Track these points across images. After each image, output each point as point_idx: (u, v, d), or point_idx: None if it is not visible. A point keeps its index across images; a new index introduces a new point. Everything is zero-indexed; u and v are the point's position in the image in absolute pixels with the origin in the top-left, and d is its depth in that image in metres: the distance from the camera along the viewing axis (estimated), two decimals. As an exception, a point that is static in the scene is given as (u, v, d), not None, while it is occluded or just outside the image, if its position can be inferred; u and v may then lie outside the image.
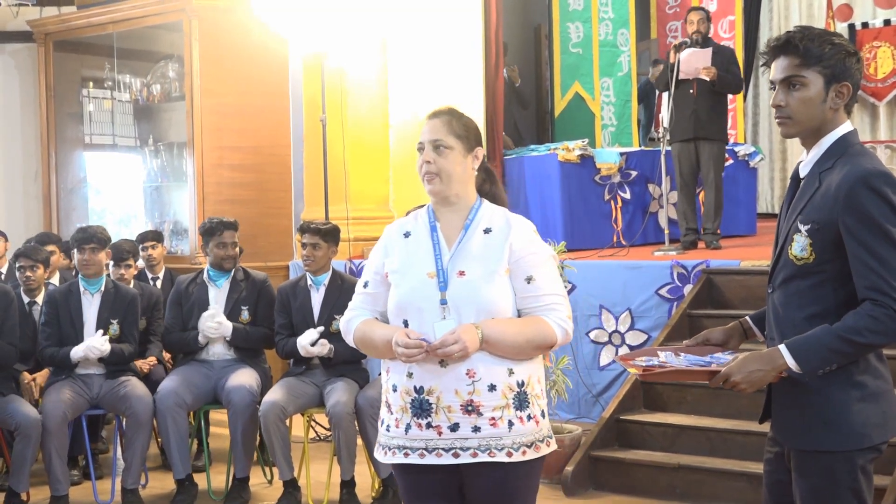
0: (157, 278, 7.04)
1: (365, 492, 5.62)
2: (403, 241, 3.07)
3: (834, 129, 2.72)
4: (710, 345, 2.99)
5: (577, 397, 6.71)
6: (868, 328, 2.55)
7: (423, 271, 2.96)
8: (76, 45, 9.86)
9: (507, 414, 2.90)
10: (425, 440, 2.95)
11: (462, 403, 2.89)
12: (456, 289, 2.91)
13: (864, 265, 2.57)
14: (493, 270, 2.92)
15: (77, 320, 5.72)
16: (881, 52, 10.80)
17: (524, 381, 2.94)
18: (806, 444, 2.70)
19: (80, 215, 9.90)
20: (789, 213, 2.78)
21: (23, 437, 5.31)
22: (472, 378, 2.88)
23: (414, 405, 2.95)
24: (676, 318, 6.27)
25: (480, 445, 2.89)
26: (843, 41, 2.73)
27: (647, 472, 5.63)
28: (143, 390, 5.65)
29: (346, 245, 7.87)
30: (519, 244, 2.95)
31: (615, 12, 9.93)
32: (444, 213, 3.05)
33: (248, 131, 8.76)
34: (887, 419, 2.69)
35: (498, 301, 2.91)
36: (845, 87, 2.70)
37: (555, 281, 2.98)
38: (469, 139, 3.03)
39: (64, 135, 9.84)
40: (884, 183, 2.58)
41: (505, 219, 3.02)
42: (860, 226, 2.58)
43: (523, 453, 2.91)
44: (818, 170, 2.72)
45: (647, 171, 8.65)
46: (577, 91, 9.85)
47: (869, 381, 2.67)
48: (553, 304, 2.95)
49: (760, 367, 2.63)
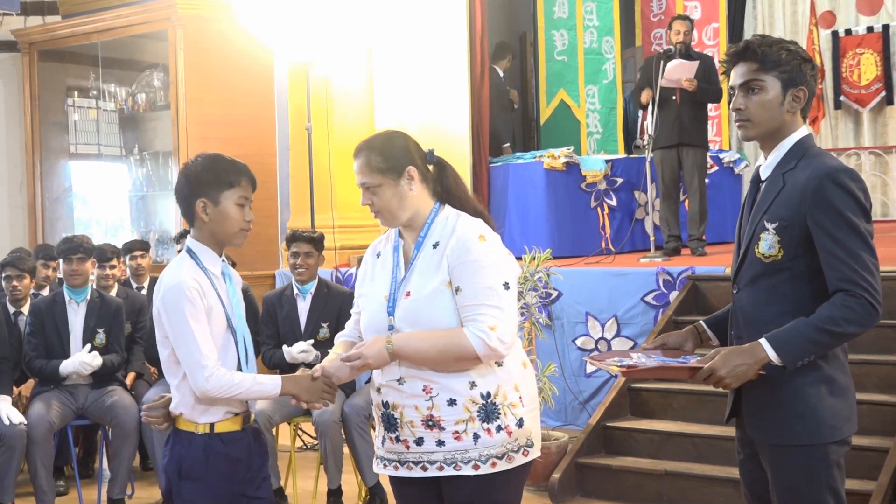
0: (142, 287, 7.02)
1: (352, 500, 5.61)
2: (375, 262, 3.10)
3: (792, 133, 2.83)
4: (668, 348, 3.04)
5: (563, 404, 6.72)
6: (844, 318, 2.64)
7: (381, 295, 2.98)
8: (61, 55, 9.85)
9: (472, 427, 2.86)
10: (397, 453, 2.98)
11: (422, 419, 2.89)
12: (401, 311, 2.91)
13: (835, 258, 2.66)
14: (436, 287, 2.87)
15: (63, 330, 5.70)
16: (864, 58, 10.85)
17: (490, 392, 2.87)
18: (780, 438, 2.77)
19: (66, 225, 9.87)
20: (753, 214, 2.86)
21: (7, 448, 5.28)
22: (428, 394, 2.88)
23: (384, 419, 2.99)
24: (662, 324, 6.28)
25: (446, 459, 2.88)
26: (798, 48, 2.84)
27: (634, 479, 5.63)
28: (129, 401, 5.64)
29: (333, 253, 7.87)
30: (452, 253, 2.87)
31: (600, 20, 9.96)
32: (405, 231, 3.05)
33: (234, 140, 8.75)
34: (852, 412, 2.80)
35: (440, 318, 2.85)
36: (801, 92, 2.81)
37: (484, 289, 2.82)
38: (394, 167, 2.94)
39: (49, 144, 9.82)
40: (849, 179, 2.69)
41: (451, 228, 2.94)
42: (828, 220, 2.67)
43: (493, 465, 2.87)
44: (780, 171, 2.81)
45: (633, 178, 8.67)
46: (562, 98, 9.87)
47: (838, 376, 2.77)
48: (475, 315, 2.82)
49: (743, 360, 2.70)
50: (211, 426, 3.08)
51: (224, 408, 3.08)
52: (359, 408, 5.40)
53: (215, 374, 2.97)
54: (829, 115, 11.07)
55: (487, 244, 2.89)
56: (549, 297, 6.76)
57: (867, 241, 2.68)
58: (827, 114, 11.01)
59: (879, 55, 10.72)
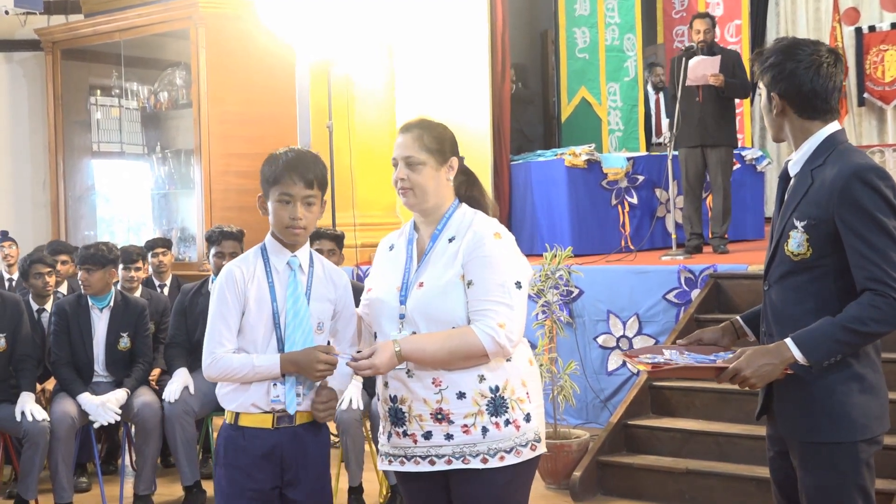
0: (164, 285, 7.06)
1: (373, 498, 5.61)
2: (387, 254, 3.12)
3: (820, 130, 2.83)
4: (703, 344, 3.04)
5: (584, 402, 6.71)
6: (871, 317, 2.63)
7: (392, 285, 2.99)
8: (84, 54, 9.90)
9: (481, 420, 2.88)
10: (403, 448, 2.98)
11: (431, 412, 2.90)
12: (413, 301, 2.92)
13: (863, 257, 2.65)
14: (449, 280, 2.90)
15: (87, 334, 5.72)
16: (888, 55, 10.78)
17: (499, 386, 2.90)
18: (810, 436, 2.75)
19: (89, 223, 9.93)
20: (783, 211, 2.86)
21: (31, 445, 5.31)
22: (438, 387, 2.89)
23: (391, 414, 2.99)
24: (684, 322, 6.25)
25: (454, 453, 2.90)
26: (782, 49, 2.85)
27: (656, 478, 5.62)
28: (151, 397, 5.66)
29: (353, 251, 7.88)
30: (467, 247, 2.91)
31: (621, 17, 9.92)
32: (421, 224, 3.08)
33: (255, 138, 8.78)
34: (884, 411, 2.78)
35: (451, 311, 2.88)
36: (773, 97, 2.84)
37: (497, 285, 2.86)
38: (442, 151, 3.01)
39: (72, 143, 9.88)
40: (876, 177, 2.68)
41: (469, 223, 2.98)
42: (856, 219, 2.66)
43: (501, 459, 2.89)
44: (809, 167, 2.81)
45: (654, 175, 8.64)
46: (583, 96, 9.84)
47: (868, 374, 2.75)
48: (485, 311, 2.84)
49: (769, 360, 2.70)
50: (236, 417, 3.10)
51: (249, 399, 3.08)
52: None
53: (218, 358, 3.03)
54: (853, 113, 11.01)
55: (503, 242, 2.94)
56: (570, 294, 6.74)
57: (895, 239, 2.66)
58: (850, 111, 10.95)
59: (904, 51, 10.65)
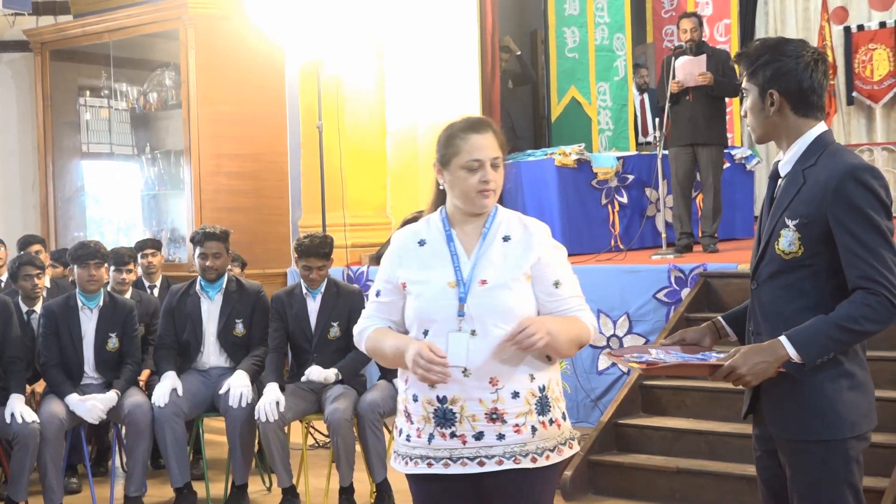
0: (153, 286, 7.03)
1: (364, 498, 5.62)
2: (418, 249, 2.99)
3: (808, 130, 2.82)
4: (686, 344, 3.04)
5: (575, 402, 6.71)
6: (864, 316, 2.64)
7: (443, 281, 2.90)
8: (73, 54, 9.87)
9: (531, 420, 2.88)
10: (449, 449, 2.89)
11: (486, 412, 2.86)
12: (478, 298, 2.87)
13: (855, 255, 2.66)
14: (515, 277, 2.89)
15: (76, 335, 5.72)
16: (877, 54, 10.82)
17: (545, 385, 2.92)
18: (800, 434, 2.76)
19: (78, 224, 9.90)
20: (773, 210, 2.86)
21: (21, 447, 5.30)
22: (495, 386, 2.86)
23: (437, 415, 2.90)
24: (674, 321, 6.26)
25: (505, 453, 2.87)
26: (775, 47, 2.84)
27: (646, 476, 5.63)
28: (141, 399, 5.65)
29: (344, 252, 7.88)
30: (542, 249, 2.93)
31: (611, 17, 9.94)
32: (461, 221, 2.98)
33: (245, 139, 8.77)
34: (871, 408, 2.80)
35: (520, 308, 2.88)
36: (771, 94, 2.81)
37: (576, 282, 3.01)
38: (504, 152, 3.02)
39: (61, 144, 9.85)
40: (870, 176, 2.69)
41: (522, 225, 2.98)
42: (850, 218, 2.67)
43: (546, 458, 2.90)
44: (800, 167, 2.81)
45: (644, 175, 8.65)
46: (573, 96, 9.85)
47: (857, 371, 2.77)
48: (582, 305, 2.98)
49: (763, 358, 2.70)
50: None
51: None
52: (373, 405, 5.41)
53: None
54: (842, 111, 11.04)
55: None
56: (560, 294, 6.74)
57: (888, 238, 2.67)
58: (839, 110, 10.97)
59: (892, 50, 10.69)
